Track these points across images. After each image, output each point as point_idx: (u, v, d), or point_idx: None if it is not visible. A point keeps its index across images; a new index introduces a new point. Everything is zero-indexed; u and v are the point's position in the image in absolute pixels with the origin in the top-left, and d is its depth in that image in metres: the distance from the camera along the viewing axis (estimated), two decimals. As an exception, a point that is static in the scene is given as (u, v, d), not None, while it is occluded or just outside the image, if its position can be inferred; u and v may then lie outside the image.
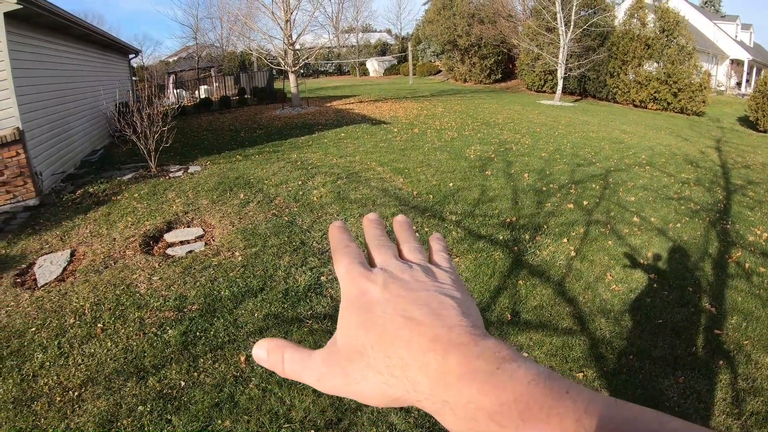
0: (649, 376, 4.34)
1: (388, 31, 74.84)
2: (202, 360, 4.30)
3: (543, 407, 0.34)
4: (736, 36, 46.69)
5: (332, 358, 0.45)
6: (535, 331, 4.92)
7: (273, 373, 3.71)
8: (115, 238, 6.87)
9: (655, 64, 28.59)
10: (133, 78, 23.26)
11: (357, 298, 0.46)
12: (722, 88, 44.09)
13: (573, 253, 6.68)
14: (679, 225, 7.98)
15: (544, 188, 9.40)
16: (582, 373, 4.31)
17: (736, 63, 46.23)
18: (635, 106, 29.64)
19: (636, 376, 4.34)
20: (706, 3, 65.40)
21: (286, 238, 6.77)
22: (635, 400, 3.91)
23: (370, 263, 0.52)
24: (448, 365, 0.39)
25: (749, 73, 46.11)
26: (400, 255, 0.54)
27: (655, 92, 28.31)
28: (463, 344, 0.39)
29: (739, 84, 46.49)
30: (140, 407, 3.76)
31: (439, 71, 52.02)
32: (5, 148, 8.11)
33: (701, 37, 42.25)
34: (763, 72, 28.88)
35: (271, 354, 0.49)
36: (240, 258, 6.20)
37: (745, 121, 26.21)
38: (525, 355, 3.68)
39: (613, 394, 3.92)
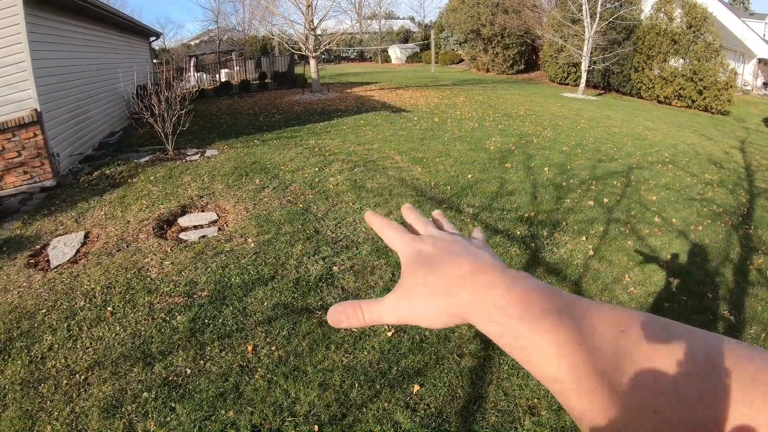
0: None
1: (411, 19, 74.50)
2: (209, 348, 4.25)
3: (536, 304, 0.48)
4: (764, 35, 45.89)
5: (403, 295, 0.58)
6: (548, 330, 4.82)
7: (279, 364, 3.68)
8: (129, 221, 6.85)
9: (681, 60, 28.15)
10: (154, 61, 23.28)
11: (416, 255, 0.60)
12: (748, 88, 43.39)
13: (591, 252, 6.54)
14: (701, 228, 7.80)
15: (564, 183, 9.24)
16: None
17: (764, 62, 45.43)
18: (659, 102, 29.21)
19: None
20: (735, 0, 64.38)
21: (299, 226, 6.71)
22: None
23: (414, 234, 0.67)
24: (477, 280, 0.53)
25: (776, 74, 45.38)
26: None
27: (680, 89, 27.88)
28: (489, 269, 0.55)
29: (765, 84, 45.73)
30: (145, 393, 3.72)
31: (462, 60, 51.64)
32: (23, 129, 8.12)
33: (729, 34, 41.54)
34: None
35: (349, 314, 0.59)
36: (252, 245, 6.15)
37: (770, 122, 25.74)
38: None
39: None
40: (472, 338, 4.58)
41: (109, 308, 4.79)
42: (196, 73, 28.56)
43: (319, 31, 22.73)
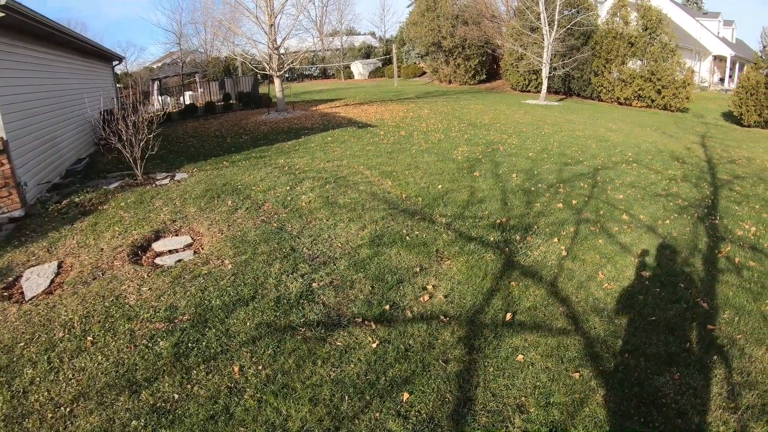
0: (645, 374, 4.34)
1: (372, 34, 74.88)
2: (195, 371, 4.24)
3: None
4: (718, 32, 47.31)
5: None
6: (529, 332, 4.90)
7: (267, 382, 3.71)
8: (102, 249, 6.79)
9: (639, 62, 28.89)
10: (118, 85, 23.09)
11: None
12: (706, 84, 44.59)
13: (564, 253, 6.68)
14: (668, 221, 8.03)
15: (533, 188, 9.41)
16: (578, 373, 4.29)
17: (719, 59, 46.79)
18: (620, 103, 29.87)
19: (632, 374, 4.33)
20: (688, 0, 66.06)
21: (275, 245, 6.71)
22: (632, 399, 3.92)
23: None
24: None
25: (732, 69, 46.78)
26: None
27: (640, 90, 28.60)
28: None
29: (722, 80, 47.08)
30: (134, 422, 3.70)
31: (424, 73, 52.10)
32: (-12, 159, 8.01)
33: (684, 34, 42.70)
34: (746, 67, 29.15)
35: None
36: (230, 266, 6.14)
37: (729, 116, 26.54)
38: (520, 358, 3.68)
39: (610, 394, 3.92)
40: (456, 343, 4.65)
41: (89, 338, 4.73)
42: (160, 97, 28.36)
43: (282, 50, 22.76)
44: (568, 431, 3.69)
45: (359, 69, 59.77)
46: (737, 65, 47.62)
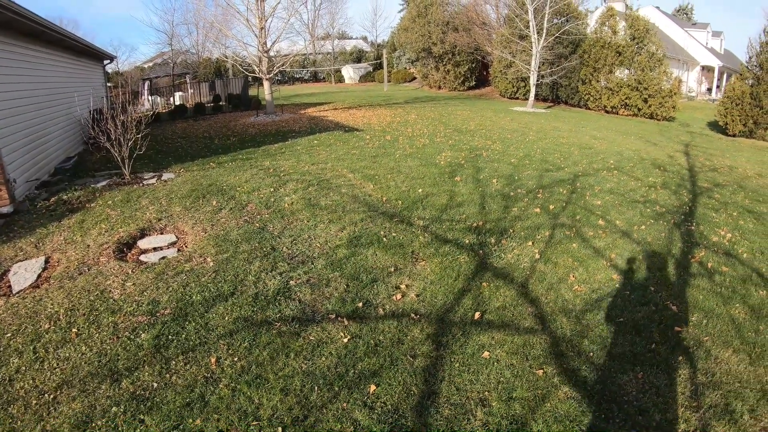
0: (609, 372, 4.54)
1: (364, 39, 75.18)
2: (174, 362, 4.43)
3: None
4: (706, 43, 47.90)
5: None
6: (497, 330, 5.11)
7: (242, 373, 3.93)
8: (89, 245, 6.95)
9: (626, 71, 29.22)
10: (108, 84, 23.17)
11: None
12: (693, 94, 45.05)
13: (537, 256, 6.89)
14: (644, 227, 8.24)
15: (512, 193, 9.63)
16: (542, 370, 4.50)
17: (707, 69, 47.34)
18: (607, 112, 30.20)
19: (596, 372, 4.53)
20: (678, 11, 66.79)
21: (257, 244, 6.91)
22: (593, 396, 4.12)
23: None
24: None
25: (719, 79, 47.32)
26: None
27: (626, 98, 28.95)
28: None
29: (709, 90, 47.59)
30: (114, 408, 3.88)
31: (414, 78, 52.38)
32: (-22, 157, 8.14)
33: (672, 44, 43.19)
34: (732, 77, 29.52)
35: None
36: (212, 264, 6.33)
37: (714, 125, 26.89)
38: (486, 354, 3.88)
39: (572, 391, 4.12)
40: (424, 340, 4.86)
41: (74, 330, 4.91)
42: (150, 97, 28.44)
43: (272, 53, 22.92)
44: (529, 425, 3.88)
45: (350, 73, 59.97)
46: (725, 75, 48.22)
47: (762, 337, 5.25)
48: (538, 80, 29.48)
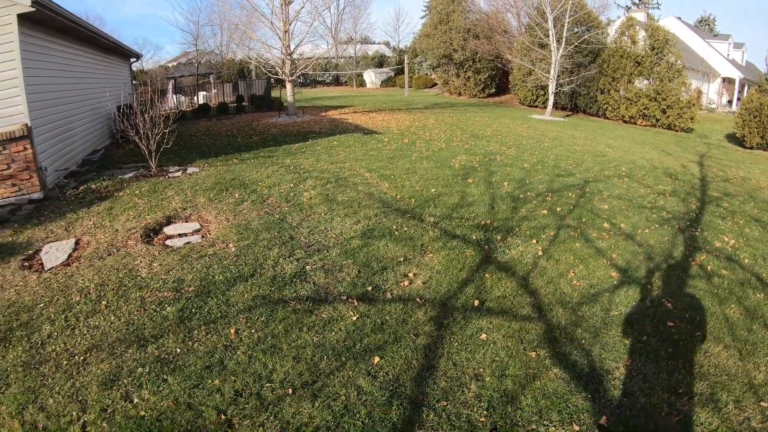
0: (599, 358, 4.85)
1: (386, 44, 75.53)
2: (196, 332, 4.84)
3: None
4: (728, 54, 47.66)
5: None
6: (496, 316, 5.46)
7: (258, 343, 4.41)
8: (117, 230, 7.39)
9: (645, 81, 29.27)
10: (134, 81, 23.76)
11: None
12: (713, 106, 44.84)
13: (540, 253, 7.21)
14: (647, 231, 8.49)
15: (522, 195, 9.95)
16: (535, 353, 4.83)
17: (728, 81, 47.09)
18: (625, 122, 30.29)
19: (586, 356, 4.85)
20: (701, 22, 66.52)
21: (276, 233, 7.30)
22: (582, 378, 4.43)
23: None
24: None
25: (740, 91, 46.90)
26: None
27: (645, 109, 29.00)
28: None
29: (730, 102, 47.28)
30: (139, 369, 4.28)
31: (435, 84, 52.61)
32: (13, 143, 8.59)
33: (693, 55, 43.12)
34: (750, 89, 29.49)
35: None
36: (233, 249, 6.73)
37: (732, 137, 26.87)
38: (484, 336, 4.23)
39: (562, 372, 4.43)
40: (427, 321, 5.23)
41: (103, 302, 5.33)
42: (175, 95, 29.04)
43: (295, 56, 23.34)
44: (518, 399, 4.21)
45: (371, 78, 60.37)
46: (746, 87, 47.90)
47: (754, 335, 5.48)
48: (556, 89, 29.68)
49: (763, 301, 6.34)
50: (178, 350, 4.55)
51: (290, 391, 4.09)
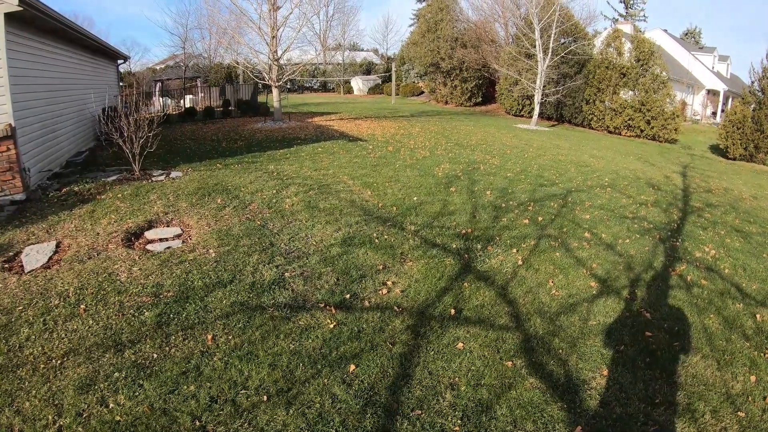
0: (575, 367, 4.91)
1: (375, 51, 75.65)
2: (173, 337, 4.84)
3: None
4: (713, 67, 48.30)
5: None
6: (473, 326, 5.50)
7: (235, 349, 4.46)
8: (98, 233, 7.37)
9: (630, 92, 29.59)
10: (120, 83, 23.66)
11: None
12: (698, 117, 45.42)
13: (520, 262, 7.28)
14: (628, 241, 8.60)
15: (503, 205, 10.03)
16: (511, 362, 4.88)
17: (713, 93, 47.70)
18: (609, 132, 30.58)
19: (563, 366, 4.91)
20: (687, 34, 67.28)
21: (257, 240, 7.32)
22: (559, 387, 4.48)
23: None
24: None
25: (725, 103, 47.52)
26: None
27: (629, 119, 29.34)
28: None
29: (714, 113, 47.88)
30: (116, 374, 4.28)
31: (422, 92, 52.83)
32: (-3, 144, 8.54)
33: (678, 67, 43.62)
34: (734, 101, 29.88)
35: None
36: (213, 254, 6.74)
37: (715, 149, 27.30)
38: (460, 345, 4.28)
39: (538, 382, 4.48)
40: (404, 330, 5.27)
41: (82, 306, 5.32)
42: (161, 98, 28.95)
43: (283, 61, 23.35)
44: (493, 408, 4.25)
45: (359, 84, 60.43)
46: (730, 100, 48.47)
47: (733, 345, 5.57)
48: (542, 99, 29.91)
49: (742, 311, 6.44)
50: (155, 355, 4.56)
51: (265, 398, 4.10)
